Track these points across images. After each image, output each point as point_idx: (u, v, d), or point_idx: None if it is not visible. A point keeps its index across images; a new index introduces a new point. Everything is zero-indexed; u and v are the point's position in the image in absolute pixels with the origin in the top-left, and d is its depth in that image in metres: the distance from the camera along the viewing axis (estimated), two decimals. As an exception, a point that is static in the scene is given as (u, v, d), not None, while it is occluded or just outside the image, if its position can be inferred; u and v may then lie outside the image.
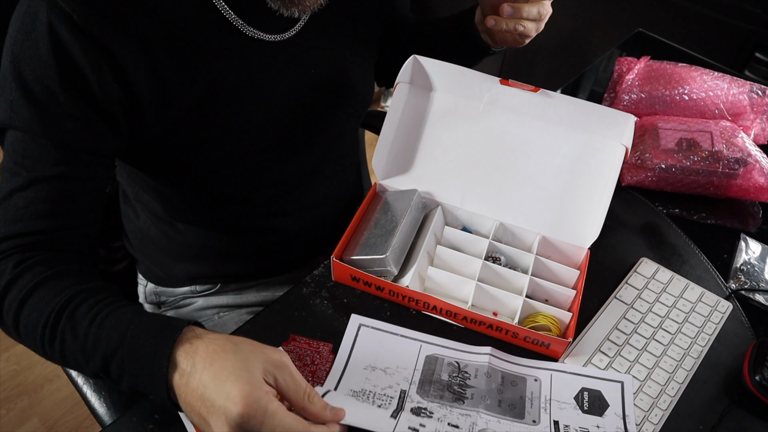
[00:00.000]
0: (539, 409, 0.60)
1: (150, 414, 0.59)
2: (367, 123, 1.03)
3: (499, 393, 0.60)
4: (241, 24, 0.62)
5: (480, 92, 0.74)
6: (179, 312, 0.88)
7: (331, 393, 0.57)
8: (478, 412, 0.58)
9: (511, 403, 0.60)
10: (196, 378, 0.47)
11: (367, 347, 0.64)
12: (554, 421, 0.58)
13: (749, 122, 0.93)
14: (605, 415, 0.59)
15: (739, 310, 0.73)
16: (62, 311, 0.52)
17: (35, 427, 1.41)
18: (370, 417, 0.55)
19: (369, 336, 0.65)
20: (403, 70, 0.74)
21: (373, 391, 0.59)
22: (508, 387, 0.61)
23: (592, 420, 0.59)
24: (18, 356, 1.53)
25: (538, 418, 0.59)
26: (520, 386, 0.61)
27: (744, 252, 0.81)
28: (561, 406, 0.60)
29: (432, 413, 0.57)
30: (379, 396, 0.59)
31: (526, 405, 0.60)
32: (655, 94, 0.96)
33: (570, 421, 0.58)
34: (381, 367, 0.62)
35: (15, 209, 0.56)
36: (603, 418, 0.59)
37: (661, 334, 0.68)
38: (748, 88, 0.93)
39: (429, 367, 0.62)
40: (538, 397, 0.60)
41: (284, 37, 0.67)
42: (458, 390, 0.60)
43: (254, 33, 0.64)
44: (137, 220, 0.84)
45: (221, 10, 0.61)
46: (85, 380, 0.77)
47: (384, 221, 0.71)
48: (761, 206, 0.90)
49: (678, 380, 0.64)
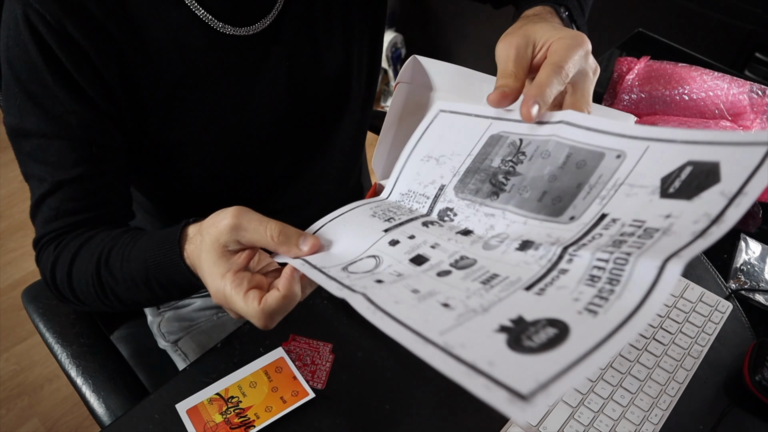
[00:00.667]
0: (594, 199, 0.43)
1: (150, 414, 0.59)
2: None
3: (550, 180, 0.46)
4: (209, 19, 0.61)
5: (480, 92, 0.74)
6: (178, 313, 0.88)
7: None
8: (504, 211, 0.47)
9: (558, 195, 0.45)
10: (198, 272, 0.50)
11: (433, 135, 0.55)
12: (602, 214, 0.42)
13: (749, 122, 0.93)
14: (699, 196, 0.38)
15: (739, 310, 0.73)
16: (99, 266, 0.57)
17: (35, 427, 1.41)
18: (358, 239, 0.48)
19: (442, 123, 0.56)
20: (403, 70, 0.73)
21: (415, 191, 0.53)
22: (570, 170, 0.45)
23: (666, 207, 0.39)
24: (18, 356, 1.53)
25: (581, 213, 0.43)
26: (589, 166, 0.45)
27: (744, 252, 0.80)
28: (631, 191, 0.42)
29: (455, 215, 0.49)
30: (419, 197, 0.53)
31: (579, 196, 0.44)
32: (655, 94, 0.95)
33: (627, 212, 0.41)
34: (436, 155, 0.54)
35: (49, 210, 0.61)
36: (690, 201, 0.38)
37: (661, 334, 0.68)
38: (748, 88, 0.93)
39: (486, 149, 0.51)
40: (607, 181, 0.43)
41: (256, 30, 0.64)
42: (501, 180, 0.49)
43: (224, 28, 0.62)
44: (134, 220, 0.84)
45: (189, 5, 0.60)
46: (84, 380, 0.77)
47: (384, 221, 0.71)
48: (761, 206, 0.90)
49: (678, 380, 0.64)
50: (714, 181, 0.38)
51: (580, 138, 0.47)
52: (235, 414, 0.58)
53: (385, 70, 2.31)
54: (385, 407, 0.61)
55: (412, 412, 0.61)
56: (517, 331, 0.34)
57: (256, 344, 0.65)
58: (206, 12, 0.61)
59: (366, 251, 0.47)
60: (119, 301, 0.59)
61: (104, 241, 0.59)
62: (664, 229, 0.37)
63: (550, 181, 0.46)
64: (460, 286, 0.40)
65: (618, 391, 0.63)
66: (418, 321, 0.37)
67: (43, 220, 0.62)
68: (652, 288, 0.34)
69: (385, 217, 0.51)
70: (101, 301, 0.60)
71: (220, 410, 0.58)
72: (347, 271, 0.44)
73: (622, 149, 0.44)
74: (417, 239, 0.47)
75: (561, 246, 0.41)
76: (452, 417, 0.61)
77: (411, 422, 0.61)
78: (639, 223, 0.39)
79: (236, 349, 0.65)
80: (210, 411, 0.58)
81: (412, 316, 0.37)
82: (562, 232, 0.42)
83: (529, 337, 0.33)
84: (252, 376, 0.61)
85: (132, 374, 0.79)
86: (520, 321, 0.35)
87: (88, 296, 0.60)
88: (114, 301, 0.59)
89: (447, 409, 0.62)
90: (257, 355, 0.63)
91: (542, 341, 0.33)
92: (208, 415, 0.58)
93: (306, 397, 0.60)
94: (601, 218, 0.41)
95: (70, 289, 0.61)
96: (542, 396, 0.30)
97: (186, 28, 0.61)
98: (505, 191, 0.48)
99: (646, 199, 0.40)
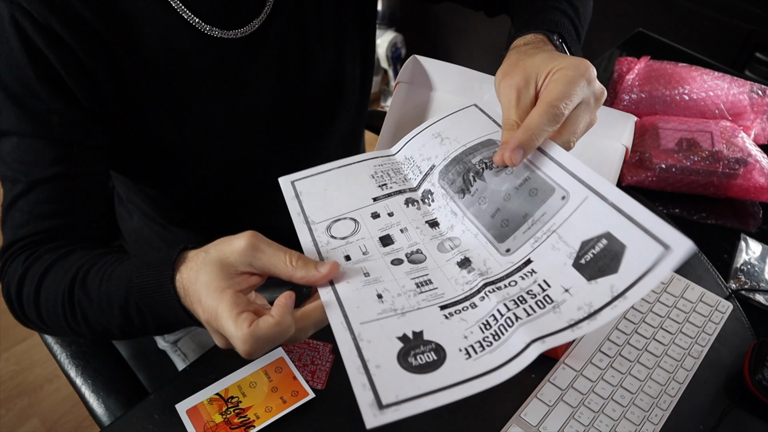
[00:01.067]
0: (530, 238, 0.47)
1: (150, 414, 0.59)
2: (367, 123, 1.03)
3: (505, 198, 0.50)
4: (197, 22, 0.60)
5: (480, 92, 0.74)
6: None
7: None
8: (464, 215, 0.51)
9: (507, 218, 0.49)
10: (188, 299, 0.47)
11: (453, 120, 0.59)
12: (528, 259, 0.46)
13: (749, 122, 0.93)
14: (596, 281, 0.43)
15: (739, 310, 0.73)
16: (74, 283, 0.53)
17: (35, 427, 1.41)
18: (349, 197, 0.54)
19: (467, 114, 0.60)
20: (402, 70, 0.73)
21: (415, 161, 0.57)
22: (523, 194, 0.49)
23: (570, 279, 0.44)
24: (18, 356, 1.53)
25: (516, 248, 0.48)
26: (539, 198, 0.48)
27: (744, 252, 0.80)
28: (557, 245, 0.46)
29: (433, 201, 0.54)
30: (415, 168, 0.56)
31: (521, 228, 0.48)
32: (656, 94, 0.95)
33: (543, 269, 0.45)
34: (443, 135, 0.57)
35: (20, 214, 0.57)
36: (588, 283, 0.43)
37: (661, 334, 0.68)
38: (748, 88, 0.93)
39: (477, 147, 0.55)
40: (546, 221, 0.47)
41: (245, 33, 0.64)
42: (470, 179, 0.52)
43: (212, 31, 0.62)
44: (131, 221, 0.84)
45: (177, 8, 0.59)
46: (83, 381, 0.77)
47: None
48: (761, 206, 0.89)
49: (678, 380, 0.64)
50: (613, 269, 0.43)
51: (542, 166, 0.50)
52: (235, 414, 0.58)
53: (385, 70, 2.31)
54: (385, 407, 0.61)
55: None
56: (411, 346, 0.42)
57: (256, 344, 0.65)
58: (193, 15, 0.60)
59: (350, 212, 0.53)
60: (87, 325, 0.54)
61: (83, 258, 0.55)
62: (557, 304, 0.43)
63: (505, 199, 0.50)
64: (399, 281, 0.47)
65: (618, 391, 0.63)
66: (351, 306, 0.44)
67: (14, 225, 0.57)
68: (513, 359, 0.41)
69: (381, 182, 0.56)
70: (67, 323, 0.54)
71: (220, 410, 0.58)
72: (329, 233, 0.51)
73: (569, 191, 0.48)
74: (393, 218, 0.53)
75: (484, 280, 0.47)
76: (452, 417, 0.61)
77: (411, 422, 0.60)
78: (546, 286, 0.45)
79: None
80: (210, 411, 0.58)
81: (350, 298, 0.45)
82: (494, 264, 0.48)
83: (416, 356, 0.42)
84: (252, 376, 0.61)
85: (131, 374, 0.79)
86: (419, 336, 0.43)
87: (53, 317, 0.55)
88: (82, 325, 0.54)
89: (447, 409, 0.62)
90: (257, 355, 0.63)
91: (421, 363, 0.41)
92: (208, 415, 0.58)
93: (306, 397, 0.59)
94: (525, 263, 0.47)
95: (35, 306, 0.55)
96: (392, 411, 0.39)
97: (174, 30, 0.60)
98: (470, 193, 0.52)
99: (561, 262, 0.45)
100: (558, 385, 0.63)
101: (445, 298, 0.46)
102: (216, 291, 0.44)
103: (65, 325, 0.55)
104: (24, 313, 0.57)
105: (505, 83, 0.52)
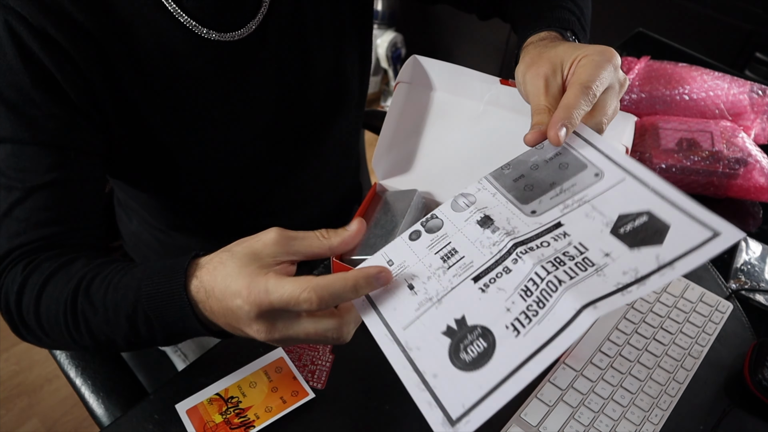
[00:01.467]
0: (559, 204, 0.46)
1: (150, 414, 0.59)
2: (367, 123, 1.03)
3: (533, 168, 0.49)
4: (193, 25, 0.60)
5: (480, 92, 0.74)
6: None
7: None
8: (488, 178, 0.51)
9: (532, 184, 0.48)
10: (212, 301, 0.46)
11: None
12: (559, 222, 0.45)
13: (749, 122, 0.93)
14: (639, 249, 0.41)
15: (739, 310, 0.73)
16: (77, 292, 0.51)
17: (35, 427, 1.41)
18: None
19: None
20: (402, 70, 0.73)
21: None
22: (552, 167, 0.48)
23: (610, 244, 0.42)
24: (18, 356, 1.53)
25: (543, 211, 0.46)
26: (569, 171, 0.48)
27: (744, 252, 0.80)
28: (591, 213, 0.44)
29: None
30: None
31: (548, 194, 0.47)
32: (656, 94, 0.95)
33: (578, 233, 0.44)
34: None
35: (17, 222, 0.56)
36: (630, 250, 0.41)
37: (661, 334, 0.68)
38: (748, 88, 0.93)
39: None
40: (577, 192, 0.46)
41: (241, 36, 0.63)
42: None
43: (209, 33, 0.61)
44: (130, 224, 0.84)
45: (172, 11, 0.59)
46: (83, 381, 0.77)
47: (384, 221, 0.71)
48: (761, 206, 0.89)
49: (678, 380, 0.64)
50: (657, 241, 0.41)
51: (574, 144, 0.50)
52: (235, 414, 0.58)
53: (385, 70, 2.31)
54: (385, 407, 0.61)
55: (412, 412, 0.61)
56: (459, 338, 0.40)
57: (256, 344, 0.65)
58: (189, 18, 0.60)
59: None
60: (91, 335, 0.52)
61: (87, 266, 0.53)
62: (599, 266, 0.41)
63: (532, 168, 0.50)
64: (424, 260, 0.45)
65: (618, 391, 0.63)
66: (388, 310, 0.43)
67: (10, 234, 0.55)
68: (565, 327, 0.38)
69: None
70: (69, 334, 0.53)
71: (220, 410, 0.58)
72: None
73: (603, 170, 0.47)
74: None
75: (513, 240, 0.44)
76: (452, 417, 0.61)
77: (411, 422, 0.61)
78: (583, 249, 0.43)
79: (236, 349, 0.65)
80: (210, 411, 0.58)
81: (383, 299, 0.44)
82: (520, 224, 0.46)
83: (465, 348, 0.40)
84: (252, 376, 0.61)
85: (131, 375, 0.79)
86: (462, 324, 0.41)
87: (54, 327, 0.53)
88: (85, 335, 0.52)
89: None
90: (257, 355, 0.63)
91: (473, 357, 0.39)
92: (207, 415, 0.58)
93: (306, 397, 0.59)
94: (555, 226, 0.45)
95: (35, 316, 0.54)
96: (463, 424, 0.36)
97: (170, 33, 0.60)
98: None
99: (598, 228, 0.44)
100: (558, 385, 0.63)
101: (475, 267, 0.43)
102: (259, 275, 0.43)
103: (67, 336, 0.53)
104: (24, 323, 0.55)
105: (532, 73, 0.52)
